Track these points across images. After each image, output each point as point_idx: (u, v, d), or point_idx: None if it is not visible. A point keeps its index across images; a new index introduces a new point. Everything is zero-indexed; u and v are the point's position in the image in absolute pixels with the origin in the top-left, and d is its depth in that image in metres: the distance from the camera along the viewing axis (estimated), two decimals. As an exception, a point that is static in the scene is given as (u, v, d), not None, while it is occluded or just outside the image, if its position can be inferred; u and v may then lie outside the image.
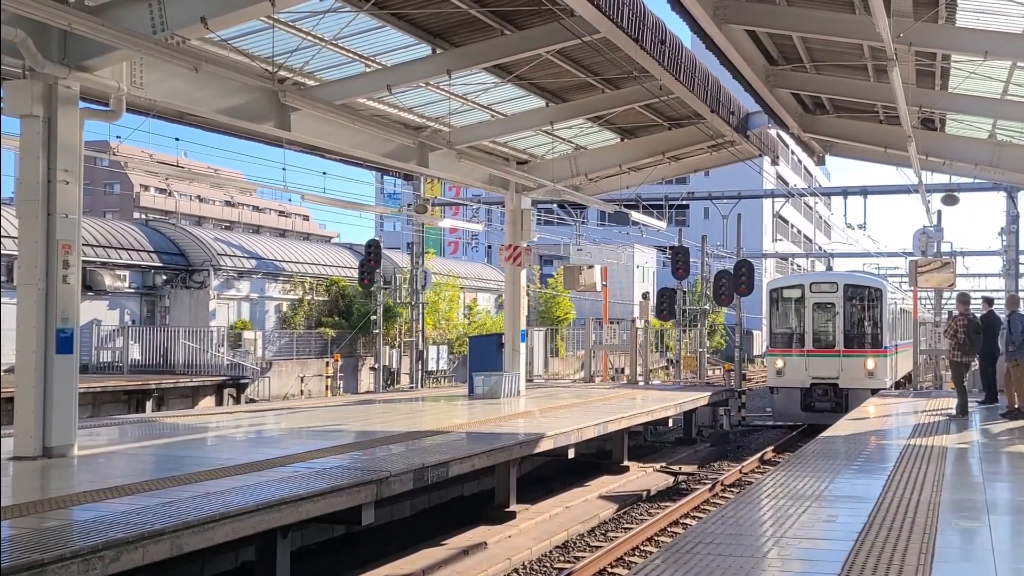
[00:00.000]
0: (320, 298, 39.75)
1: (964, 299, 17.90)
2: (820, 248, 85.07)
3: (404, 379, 35.98)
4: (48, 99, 11.14)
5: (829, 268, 30.22)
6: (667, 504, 16.05)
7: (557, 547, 13.06)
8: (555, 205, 34.86)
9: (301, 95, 14.80)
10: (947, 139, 20.33)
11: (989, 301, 18.89)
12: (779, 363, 26.14)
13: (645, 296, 34.61)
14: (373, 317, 34.81)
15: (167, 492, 8.87)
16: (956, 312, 17.83)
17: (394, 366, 37.35)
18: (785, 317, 26.75)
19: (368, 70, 15.82)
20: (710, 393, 24.62)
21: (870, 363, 25.27)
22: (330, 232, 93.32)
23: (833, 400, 25.17)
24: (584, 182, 23.33)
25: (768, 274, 62.93)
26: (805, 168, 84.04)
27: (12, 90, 11.13)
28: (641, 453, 21.34)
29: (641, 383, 28.59)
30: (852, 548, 7.00)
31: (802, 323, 26.11)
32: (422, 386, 32.72)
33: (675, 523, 14.63)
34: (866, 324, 26.00)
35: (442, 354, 37.18)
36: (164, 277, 35.08)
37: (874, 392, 24.26)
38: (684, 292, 34.82)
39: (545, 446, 14.17)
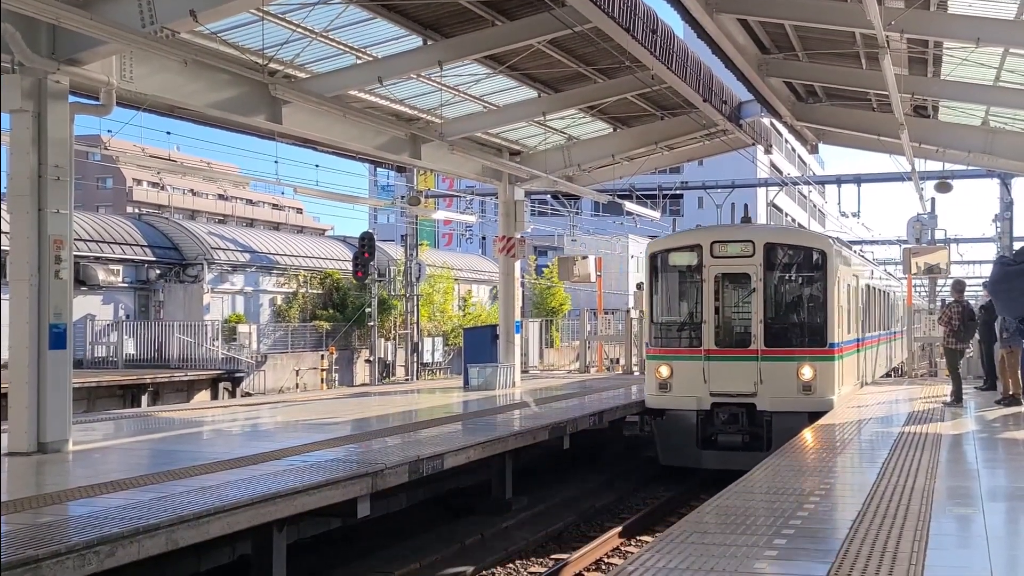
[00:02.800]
0: (314, 291, 39.71)
1: (959, 286, 17.93)
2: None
3: (400, 371, 36.03)
4: (37, 94, 11.08)
5: (747, 218, 19.91)
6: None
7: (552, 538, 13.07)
8: (549, 196, 34.80)
9: (292, 88, 14.75)
10: (940, 126, 20.32)
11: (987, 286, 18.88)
12: (662, 371, 17.02)
13: (639, 286, 34.59)
14: (368, 310, 34.83)
15: (162, 487, 8.86)
16: (951, 299, 17.87)
17: (389, 358, 37.38)
18: (671, 298, 17.98)
19: (359, 62, 15.76)
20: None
21: (806, 371, 16.24)
22: (324, 225, 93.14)
23: (746, 430, 16.46)
24: (578, 172, 23.29)
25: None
26: (799, 156, 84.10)
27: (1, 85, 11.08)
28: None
29: (637, 373, 28.61)
30: (846, 536, 7.01)
31: (698, 308, 16.94)
32: (417, 378, 32.74)
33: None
34: (802, 308, 17.25)
35: (437, 346, 37.22)
36: (158, 271, 35.01)
37: (814, 418, 15.14)
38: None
39: (540, 437, 14.18)
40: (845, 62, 17.02)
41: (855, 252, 23.48)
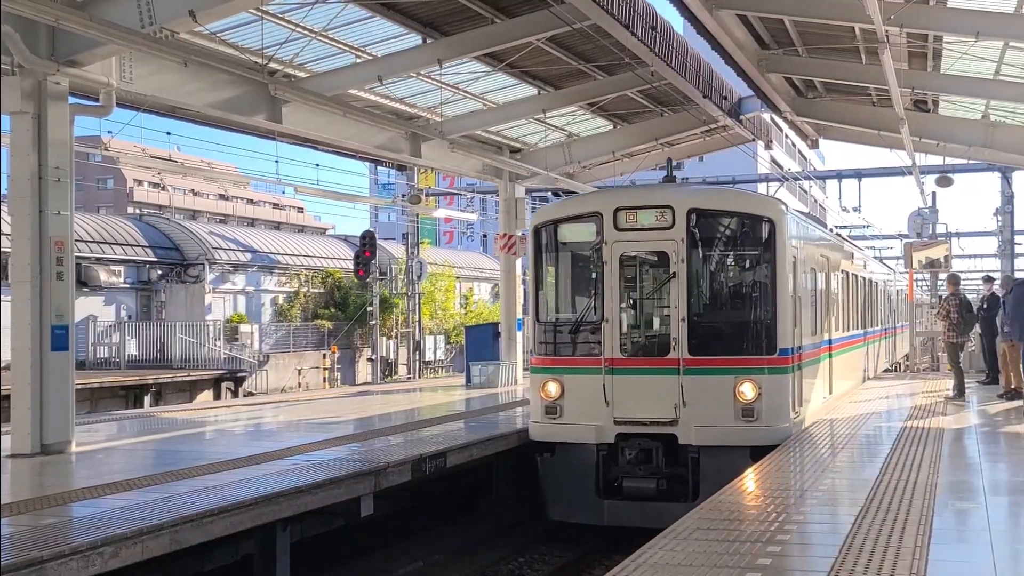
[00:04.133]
0: (316, 290, 39.73)
1: (954, 279, 17.93)
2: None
3: (401, 370, 36.04)
4: (37, 95, 11.09)
5: (670, 177, 13.77)
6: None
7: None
8: (550, 193, 34.80)
9: (292, 87, 14.76)
10: (940, 120, 20.30)
11: (989, 280, 18.89)
12: (550, 389, 12.38)
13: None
14: (369, 308, 34.84)
15: (165, 487, 8.87)
16: (947, 293, 17.86)
17: (391, 357, 37.38)
18: (562, 288, 13.32)
19: (358, 61, 15.76)
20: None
21: (747, 389, 11.75)
22: (325, 224, 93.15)
23: (664, 473, 11.95)
24: (578, 169, 23.30)
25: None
26: (799, 152, 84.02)
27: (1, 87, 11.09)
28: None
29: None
30: (849, 531, 7.01)
31: (598, 301, 12.37)
32: (419, 376, 32.76)
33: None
34: (743, 301, 12.66)
35: (439, 344, 37.23)
36: (159, 272, 35.02)
37: (759, 454, 11.07)
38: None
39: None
40: (845, 57, 17.00)
41: (831, 232, 18.94)
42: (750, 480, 9.30)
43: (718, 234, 12.43)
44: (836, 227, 28.31)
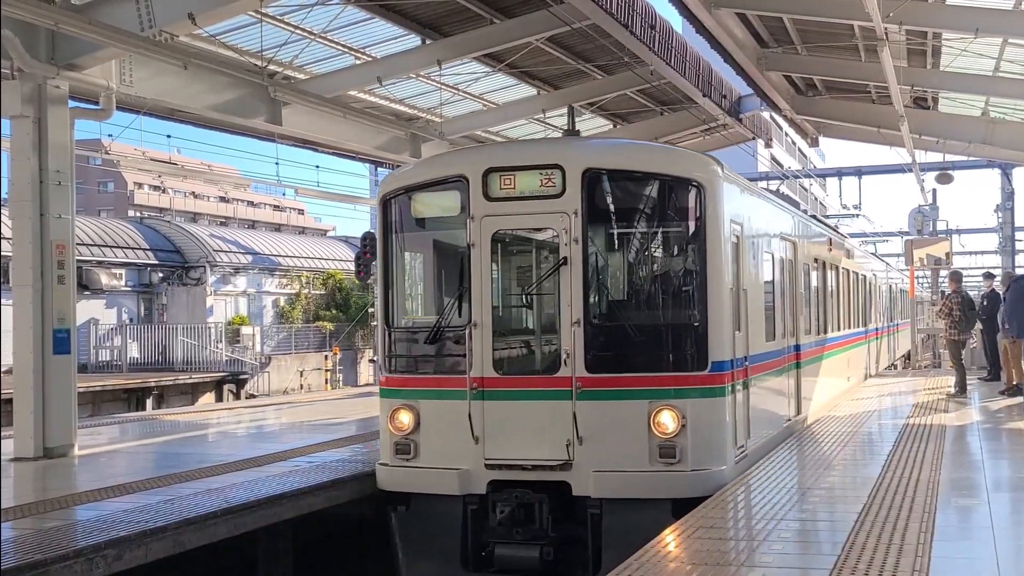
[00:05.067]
0: (317, 292, 39.75)
1: (956, 277, 17.94)
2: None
3: (403, 371, 35.99)
4: (37, 99, 11.11)
5: (572, 130, 10.34)
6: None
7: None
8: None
9: (291, 89, 14.78)
10: (940, 118, 20.31)
11: (990, 276, 18.88)
12: (401, 419, 9.13)
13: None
14: (371, 310, 34.79)
15: (169, 489, 8.88)
16: (948, 290, 17.86)
17: (393, 358, 37.31)
18: (415, 279, 10.18)
19: (358, 62, 15.77)
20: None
21: (666, 420, 8.58)
22: (325, 226, 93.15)
23: (548, 537, 8.62)
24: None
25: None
26: (799, 150, 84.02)
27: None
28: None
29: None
30: (852, 528, 7.01)
31: (464, 297, 9.07)
32: (421, 377, 32.70)
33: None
34: (660, 296, 9.35)
35: (440, 345, 37.15)
36: (160, 275, 35.04)
37: (680, 508, 8.07)
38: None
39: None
40: (844, 55, 17.01)
41: (803, 212, 15.08)
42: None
43: (627, 204, 9.15)
44: (822, 215, 25.30)
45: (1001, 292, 17.59)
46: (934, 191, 30.97)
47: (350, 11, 13.80)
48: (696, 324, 8.77)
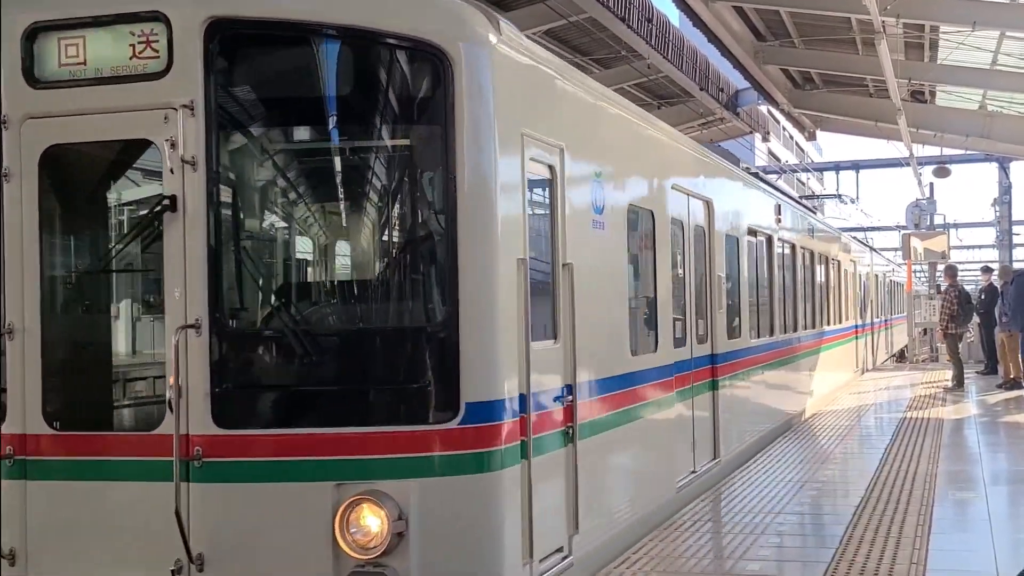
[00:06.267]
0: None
1: (952, 271, 17.98)
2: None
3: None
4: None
5: None
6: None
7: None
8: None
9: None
10: (937, 111, 20.31)
11: (987, 270, 18.87)
12: None
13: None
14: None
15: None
16: (945, 285, 17.88)
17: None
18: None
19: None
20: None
21: (370, 522, 4.38)
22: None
23: None
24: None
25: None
26: (797, 144, 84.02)
27: None
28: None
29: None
30: (850, 521, 7.01)
31: None
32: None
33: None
34: (364, 270, 5.03)
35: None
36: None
37: None
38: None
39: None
40: (841, 48, 16.99)
41: (742, 167, 12.07)
42: None
43: (294, 92, 4.88)
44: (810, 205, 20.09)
45: (999, 286, 17.62)
46: (931, 185, 30.97)
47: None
48: (437, 329, 4.66)
